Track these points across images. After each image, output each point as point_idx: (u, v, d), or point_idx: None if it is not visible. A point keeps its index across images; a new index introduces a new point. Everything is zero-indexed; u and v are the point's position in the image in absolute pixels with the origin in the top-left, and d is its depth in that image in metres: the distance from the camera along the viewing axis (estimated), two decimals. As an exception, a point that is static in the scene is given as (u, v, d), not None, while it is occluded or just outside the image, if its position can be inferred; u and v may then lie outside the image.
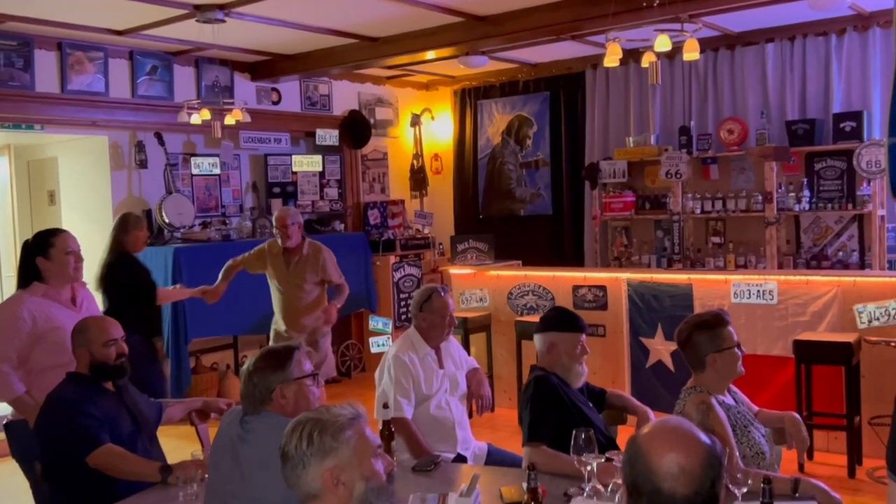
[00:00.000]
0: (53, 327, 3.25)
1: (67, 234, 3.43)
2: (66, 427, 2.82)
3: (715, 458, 1.48)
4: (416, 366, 3.50)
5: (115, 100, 6.32)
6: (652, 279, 5.71)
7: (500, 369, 6.30)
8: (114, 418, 2.92)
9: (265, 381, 2.33)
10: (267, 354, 2.39)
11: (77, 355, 2.99)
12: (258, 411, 2.32)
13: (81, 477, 2.81)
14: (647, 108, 7.48)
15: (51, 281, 3.35)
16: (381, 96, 8.55)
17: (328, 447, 1.72)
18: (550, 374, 3.10)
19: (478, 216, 8.74)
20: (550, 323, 3.21)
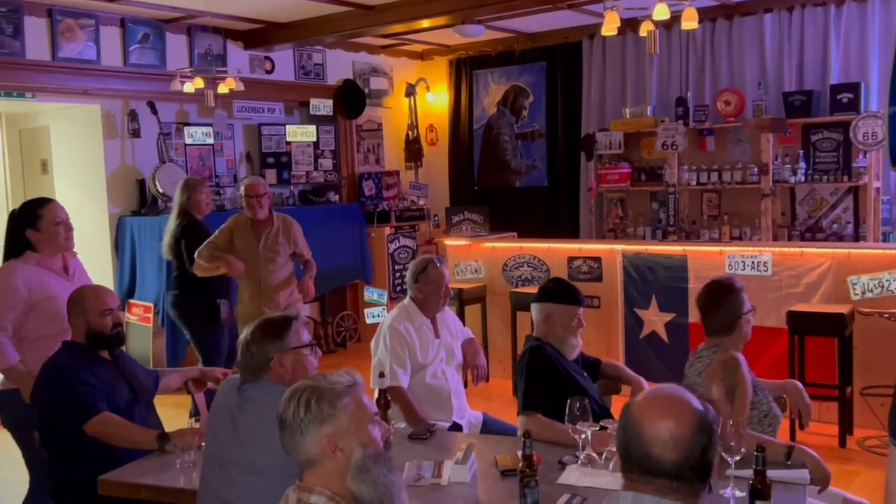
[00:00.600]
0: (47, 296, 3.24)
1: (55, 204, 3.40)
2: (64, 395, 2.84)
3: (706, 425, 1.50)
4: (412, 335, 3.52)
5: (107, 68, 6.26)
6: (647, 251, 5.73)
7: (495, 340, 6.34)
8: (111, 387, 2.94)
9: (263, 350, 2.34)
10: (265, 323, 2.40)
11: (73, 324, 2.99)
12: (256, 379, 2.34)
13: (79, 445, 2.83)
14: (644, 79, 7.45)
15: (42, 251, 3.33)
16: (375, 66, 8.49)
17: (325, 414, 1.73)
18: (545, 345, 3.13)
19: (473, 188, 8.73)
20: (549, 294, 3.23)
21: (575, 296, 3.22)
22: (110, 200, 6.51)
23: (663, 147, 6.79)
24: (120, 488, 2.64)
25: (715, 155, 7.00)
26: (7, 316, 3.21)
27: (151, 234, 6.24)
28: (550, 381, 2.99)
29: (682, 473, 1.47)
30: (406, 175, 8.65)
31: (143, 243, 6.33)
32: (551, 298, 3.19)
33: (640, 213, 7.36)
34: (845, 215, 6.49)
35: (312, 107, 7.66)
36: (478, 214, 6.92)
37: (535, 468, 2.26)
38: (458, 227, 6.87)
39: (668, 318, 5.60)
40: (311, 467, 1.74)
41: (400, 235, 7.91)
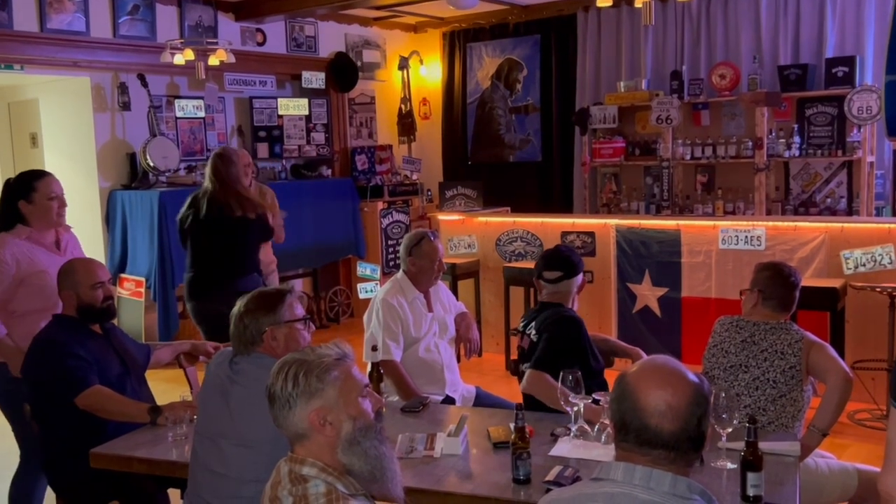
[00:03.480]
0: (37, 271, 3.22)
1: (51, 178, 3.36)
2: (55, 368, 2.83)
3: (702, 396, 1.50)
4: (405, 309, 3.52)
5: (97, 39, 6.18)
6: (640, 225, 5.72)
7: (487, 315, 6.35)
8: (102, 360, 2.93)
9: (256, 323, 2.33)
10: (259, 296, 2.40)
11: (64, 297, 2.98)
12: (248, 352, 2.34)
13: (70, 418, 2.83)
14: (638, 52, 7.40)
15: (34, 224, 3.30)
16: (368, 38, 8.41)
17: (314, 388, 1.73)
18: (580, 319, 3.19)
19: (466, 162, 8.70)
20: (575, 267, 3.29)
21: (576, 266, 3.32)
22: (101, 174, 6.46)
23: (658, 121, 6.76)
24: (112, 461, 2.65)
25: (709, 129, 6.98)
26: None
27: (143, 208, 6.20)
28: (569, 357, 3.01)
29: (679, 444, 1.47)
30: (399, 149, 8.60)
31: (135, 217, 6.29)
32: (576, 271, 3.28)
33: (634, 187, 7.35)
34: (839, 190, 6.49)
35: (304, 80, 7.59)
36: (471, 189, 6.89)
37: (527, 440, 2.27)
38: (452, 202, 6.85)
39: (661, 293, 5.61)
40: (301, 441, 1.74)
41: (393, 210, 7.88)
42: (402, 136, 8.68)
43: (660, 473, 1.47)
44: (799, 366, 2.83)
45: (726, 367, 2.96)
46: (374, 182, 7.93)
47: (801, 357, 2.83)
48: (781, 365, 2.85)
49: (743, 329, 2.98)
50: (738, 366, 2.93)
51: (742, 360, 2.93)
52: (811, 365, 2.84)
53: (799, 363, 2.83)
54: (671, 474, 1.48)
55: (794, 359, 2.84)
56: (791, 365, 2.84)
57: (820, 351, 2.85)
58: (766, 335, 2.92)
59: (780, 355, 2.86)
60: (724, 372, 2.95)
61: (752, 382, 2.87)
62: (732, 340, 2.98)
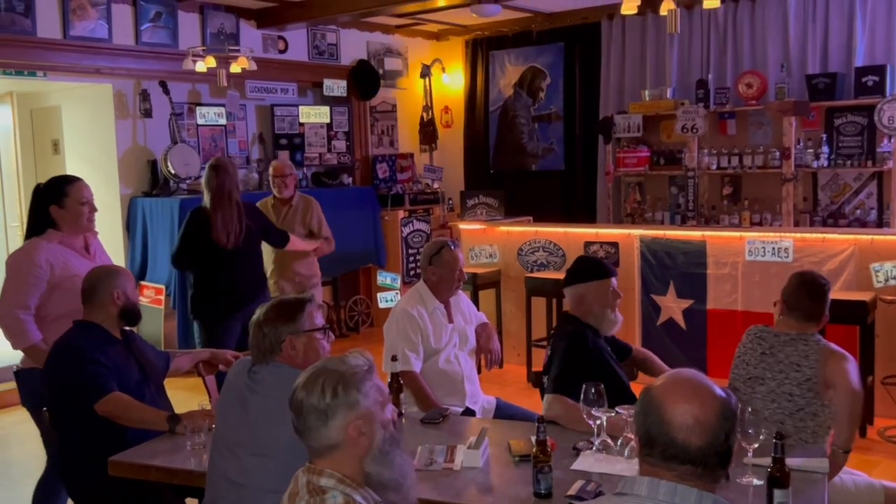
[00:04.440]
0: (70, 275, 3.26)
1: (82, 183, 3.42)
2: (74, 374, 2.85)
3: (729, 411, 1.48)
4: (425, 320, 3.52)
5: (119, 46, 6.26)
6: (665, 236, 5.70)
7: (509, 325, 6.34)
8: (121, 367, 2.95)
9: (275, 332, 2.34)
10: (278, 305, 2.41)
11: (112, 296, 2.99)
12: (267, 361, 2.35)
13: (89, 424, 2.85)
14: (663, 60, 7.38)
15: (65, 229, 3.36)
16: (390, 46, 8.45)
17: (353, 399, 1.73)
18: (586, 328, 3.13)
19: (488, 171, 8.70)
20: (576, 274, 3.24)
21: (603, 268, 3.24)
22: (122, 181, 6.54)
23: (683, 130, 6.73)
24: (130, 469, 2.66)
25: (736, 138, 6.93)
26: (31, 294, 3.24)
27: (163, 215, 6.26)
28: (587, 370, 2.98)
29: (705, 459, 1.46)
30: (420, 158, 8.63)
31: (155, 224, 6.35)
32: (579, 279, 3.21)
33: (659, 197, 7.31)
34: (868, 201, 6.41)
35: (326, 87, 7.64)
36: (493, 198, 6.89)
37: (548, 454, 2.25)
38: (473, 211, 6.85)
39: (685, 305, 5.57)
40: (329, 452, 1.73)
41: (414, 219, 7.90)
42: (423, 145, 8.71)
43: (685, 489, 1.46)
44: (815, 378, 2.78)
45: (745, 378, 2.92)
46: (395, 190, 7.96)
47: (817, 370, 2.78)
48: (797, 377, 2.81)
49: (764, 340, 2.94)
50: (756, 377, 2.89)
51: (759, 371, 2.90)
52: (827, 378, 2.79)
53: (815, 376, 2.78)
54: (697, 490, 1.46)
55: (811, 371, 2.79)
56: (807, 377, 2.79)
57: (835, 363, 2.79)
58: (784, 346, 2.88)
59: (797, 367, 2.82)
60: (744, 384, 2.92)
61: (769, 395, 2.83)
62: (753, 352, 2.95)
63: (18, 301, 3.25)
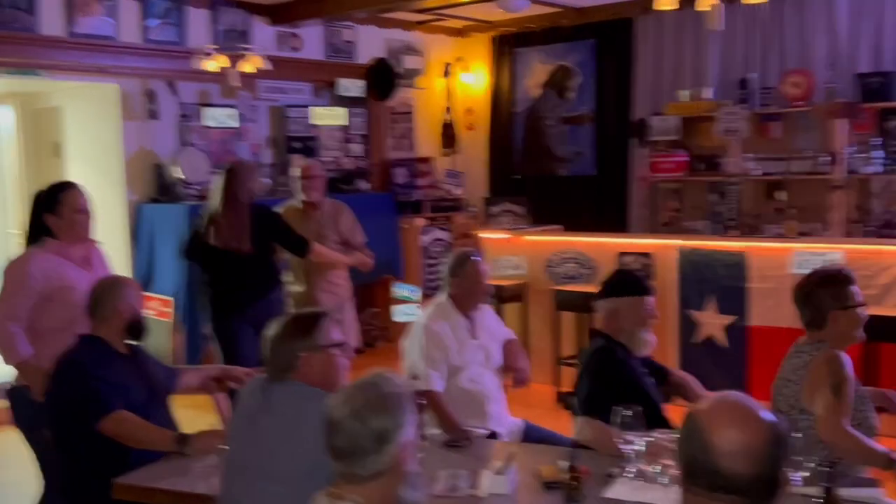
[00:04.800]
0: (65, 286, 3.31)
1: (76, 190, 3.47)
2: (78, 391, 2.89)
3: (780, 438, 1.48)
4: (448, 335, 3.54)
5: (125, 44, 6.34)
6: (704, 247, 5.67)
7: (535, 342, 6.32)
8: (127, 384, 2.99)
9: (290, 348, 2.37)
10: (293, 320, 2.43)
11: (118, 310, 3.03)
12: (282, 380, 2.37)
13: (93, 445, 2.88)
14: (703, 58, 7.36)
15: (62, 238, 3.40)
16: (410, 43, 8.50)
17: (405, 422, 1.76)
18: (615, 345, 3.14)
19: (514, 176, 8.70)
20: (612, 287, 3.25)
21: (640, 284, 3.26)
22: (127, 186, 6.60)
23: (724, 133, 6.70)
24: (135, 492, 2.69)
25: (781, 142, 6.89)
26: (21, 304, 3.28)
27: (170, 222, 6.32)
28: (617, 389, 2.99)
29: (754, 489, 1.45)
30: (441, 162, 8.65)
31: (162, 232, 6.41)
32: (615, 292, 3.21)
33: (697, 205, 7.28)
34: (926, 210, 6.35)
35: (342, 87, 7.69)
36: (519, 205, 6.90)
37: (580, 480, 2.25)
38: (497, 219, 6.85)
39: (726, 322, 5.54)
40: (374, 479, 1.73)
41: (434, 227, 7.91)
42: (444, 148, 8.74)
43: (731, 521, 1.46)
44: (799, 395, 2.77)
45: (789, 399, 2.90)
46: (414, 197, 7.98)
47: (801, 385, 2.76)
48: (792, 393, 2.81)
49: (790, 354, 2.96)
50: (774, 394, 2.91)
51: (775, 388, 2.91)
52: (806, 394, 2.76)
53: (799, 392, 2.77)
54: (743, 523, 1.46)
55: (797, 387, 2.79)
56: (794, 393, 2.80)
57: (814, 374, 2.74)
58: (789, 359, 2.89)
59: (788, 382, 2.83)
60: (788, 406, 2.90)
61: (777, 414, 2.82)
62: (782, 367, 2.96)
63: (9, 312, 3.30)
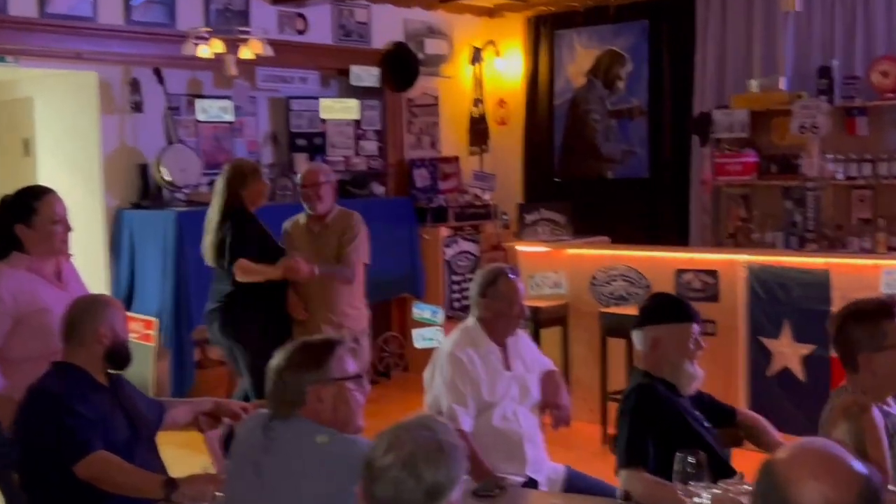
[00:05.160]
0: (39, 309, 3.33)
1: (53, 196, 3.50)
2: (50, 428, 2.91)
3: (871, 492, 1.47)
4: (477, 366, 3.54)
5: (105, 26, 6.41)
6: (778, 263, 5.66)
7: (578, 373, 6.30)
8: (107, 420, 3.01)
9: (298, 380, 2.39)
10: (303, 348, 2.45)
11: (96, 335, 3.05)
12: (287, 416, 2.38)
13: (67, 489, 2.90)
14: (776, 42, 7.33)
15: (33, 252, 3.42)
16: (432, 25, 8.54)
17: (460, 478, 1.79)
18: (656, 381, 3.14)
19: (553, 178, 8.71)
20: (651, 314, 3.25)
21: (685, 310, 3.24)
22: (106, 189, 6.68)
23: (801, 130, 6.67)
24: (117, 545, 2.70)
25: (868, 141, 6.85)
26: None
27: (155, 231, 6.38)
28: (661, 430, 2.98)
29: None
30: (468, 162, 8.68)
31: (145, 242, 6.48)
32: (655, 319, 3.21)
33: (770, 213, 7.24)
34: None
35: (354, 76, 7.72)
36: (559, 213, 6.90)
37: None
38: (534, 229, 6.86)
39: (804, 351, 5.50)
40: None
41: (459, 238, 7.92)
42: (472, 146, 8.76)
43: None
44: None
45: None
46: (437, 203, 8.00)
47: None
48: None
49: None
50: None
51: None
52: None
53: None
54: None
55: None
56: None
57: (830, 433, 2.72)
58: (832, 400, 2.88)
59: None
60: None
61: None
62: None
63: None
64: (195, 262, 5.48)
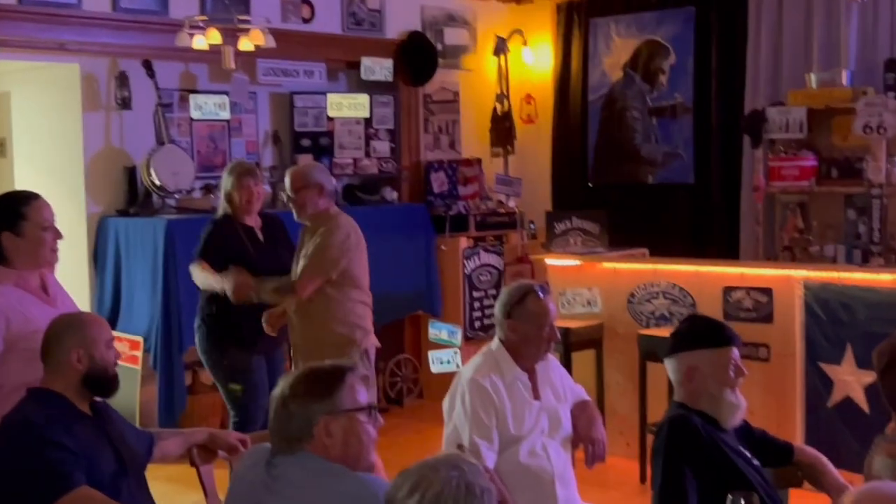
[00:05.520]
0: (31, 330, 3.31)
1: (42, 201, 3.53)
2: (30, 461, 2.92)
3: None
4: (502, 395, 3.54)
5: (90, 14, 6.45)
6: (839, 280, 5.63)
7: (614, 402, 6.29)
8: (91, 452, 3.02)
9: (305, 411, 2.39)
10: (310, 375, 2.46)
11: (69, 359, 3.07)
12: (293, 451, 2.39)
13: (47, 530, 2.92)
14: (837, 31, 7.32)
15: (19, 264, 3.45)
16: (452, 12, 8.56)
17: None
18: (692, 413, 3.13)
19: (586, 184, 8.71)
20: (686, 339, 3.25)
21: (723, 333, 3.23)
22: (89, 194, 6.72)
23: (865, 130, 6.65)
24: (101, 593, 2.71)
25: (942, 142, 6.83)
26: None
27: (144, 241, 6.41)
28: (700, 468, 2.97)
29: None
30: (491, 165, 8.68)
31: (133, 254, 6.51)
32: (690, 344, 3.21)
33: (830, 224, 7.22)
34: None
35: (365, 69, 7.76)
36: (592, 222, 6.90)
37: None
38: (564, 240, 6.85)
39: (869, 379, 5.45)
40: None
41: (481, 249, 7.93)
42: (495, 147, 8.76)
43: None
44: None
45: None
46: (457, 210, 8.01)
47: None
48: None
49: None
50: None
51: None
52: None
53: None
54: None
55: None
56: None
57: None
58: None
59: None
60: None
61: None
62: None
63: None
64: (187, 276, 5.47)
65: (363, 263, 5.23)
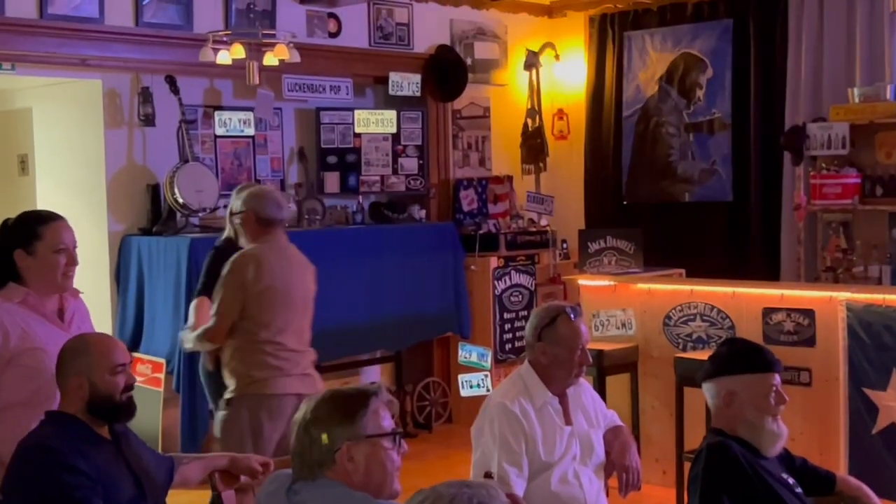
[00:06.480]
0: (31, 347, 3.34)
1: (62, 223, 3.52)
2: (45, 486, 2.92)
3: None
4: (532, 420, 3.55)
5: (113, 29, 6.50)
6: (884, 302, 5.56)
7: (650, 428, 6.26)
8: (109, 477, 3.01)
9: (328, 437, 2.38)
10: (332, 399, 2.46)
11: (69, 386, 3.08)
12: (314, 477, 2.39)
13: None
14: (881, 44, 7.29)
15: (32, 284, 3.46)
16: (482, 26, 8.58)
17: None
18: (731, 440, 3.11)
19: (621, 202, 8.70)
20: (724, 363, 3.25)
21: (763, 358, 3.24)
22: (111, 213, 6.76)
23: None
24: None
25: None
26: None
27: (167, 260, 6.44)
28: (738, 496, 2.97)
29: None
30: (522, 182, 8.68)
31: (155, 273, 6.54)
32: (728, 369, 3.21)
33: (875, 243, 7.17)
34: None
35: (392, 84, 7.79)
36: (627, 241, 6.88)
37: None
38: (598, 260, 6.84)
39: (916, 405, 5.42)
40: None
41: (512, 270, 7.92)
42: (527, 164, 8.76)
43: None
44: None
45: None
46: (486, 228, 8.01)
47: None
48: None
49: None
50: None
51: None
52: None
53: None
54: None
55: None
56: None
57: None
58: None
59: None
60: None
61: None
62: None
63: None
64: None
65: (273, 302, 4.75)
